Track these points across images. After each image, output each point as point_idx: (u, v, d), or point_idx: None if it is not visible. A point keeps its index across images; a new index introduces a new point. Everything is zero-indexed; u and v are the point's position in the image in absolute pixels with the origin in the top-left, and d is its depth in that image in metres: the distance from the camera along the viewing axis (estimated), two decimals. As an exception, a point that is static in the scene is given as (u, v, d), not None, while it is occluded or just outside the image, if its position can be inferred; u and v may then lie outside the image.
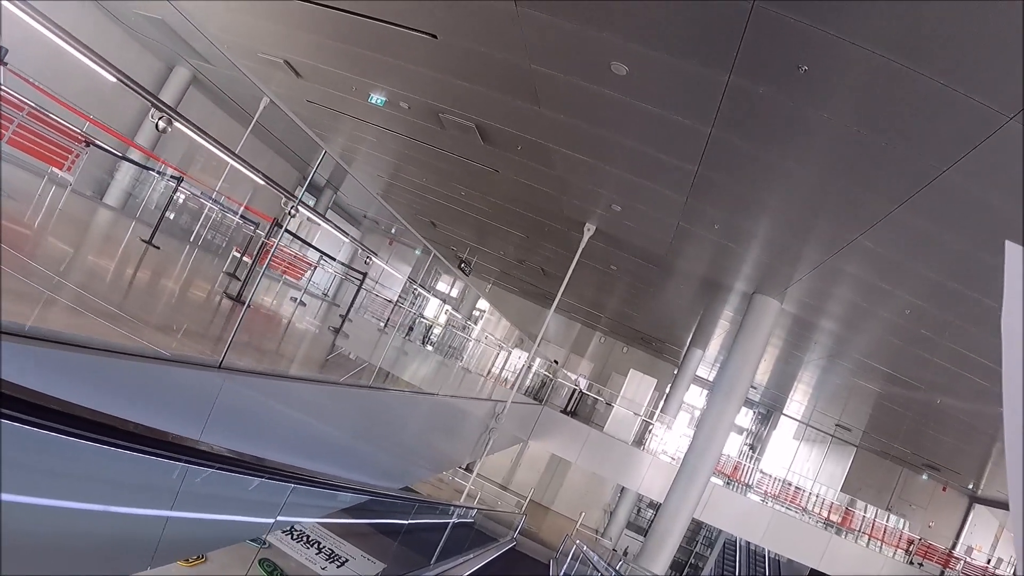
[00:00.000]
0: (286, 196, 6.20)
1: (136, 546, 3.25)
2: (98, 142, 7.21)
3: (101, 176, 12.01)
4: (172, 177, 8.52)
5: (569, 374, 21.54)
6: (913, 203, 6.50)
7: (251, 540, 8.78)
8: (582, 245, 12.35)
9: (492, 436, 11.90)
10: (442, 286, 29.26)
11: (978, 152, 5.24)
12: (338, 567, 9.57)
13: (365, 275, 11.20)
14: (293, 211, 5.95)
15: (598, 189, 10.38)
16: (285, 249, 11.11)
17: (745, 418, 29.19)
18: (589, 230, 12.10)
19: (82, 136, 6.05)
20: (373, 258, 13.46)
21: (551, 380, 19.29)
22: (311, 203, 24.07)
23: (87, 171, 8.68)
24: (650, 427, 18.15)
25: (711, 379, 26.95)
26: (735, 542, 28.60)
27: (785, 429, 28.30)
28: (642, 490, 16.76)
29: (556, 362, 21.55)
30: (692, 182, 8.50)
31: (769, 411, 28.64)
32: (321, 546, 10.26)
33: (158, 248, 7.80)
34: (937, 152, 5.55)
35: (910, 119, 5.35)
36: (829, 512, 19.61)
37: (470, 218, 15.38)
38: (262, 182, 6.30)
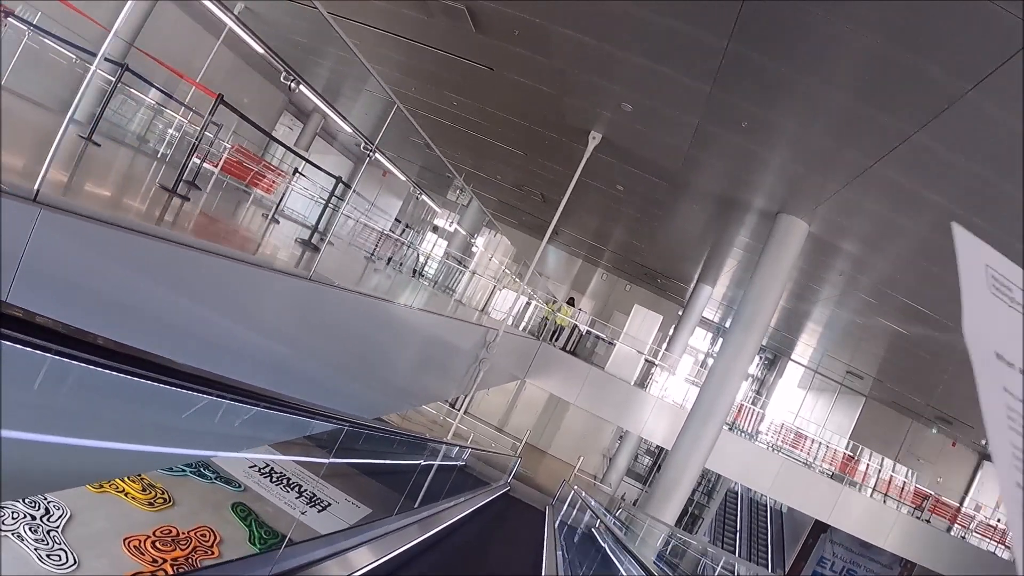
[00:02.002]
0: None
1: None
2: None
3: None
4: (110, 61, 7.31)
5: (565, 313, 21.05)
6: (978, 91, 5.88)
7: (224, 482, 8.37)
8: (586, 156, 11.45)
9: (482, 368, 11.23)
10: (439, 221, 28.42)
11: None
12: (319, 511, 9.17)
13: (342, 183, 10.17)
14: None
15: (606, 83, 9.44)
16: (246, 153, 10.30)
17: (751, 364, 28.93)
18: (594, 139, 11.21)
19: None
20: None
21: (552, 319, 18.82)
22: (297, 132, 23.22)
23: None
24: (653, 368, 17.81)
25: (717, 320, 26.67)
26: (737, 492, 28.78)
27: (791, 377, 28.09)
28: (645, 434, 16.51)
29: (572, 301, 20.88)
30: (720, 64, 7.47)
31: (776, 356, 28.41)
32: (302, 489, 9.87)
33: (98, 145, 6.98)
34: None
35: None
36: (843, 463, 19.41)
37: (464, 137, 14.51)
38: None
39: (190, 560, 5.81)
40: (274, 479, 9.69)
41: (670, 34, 7.43)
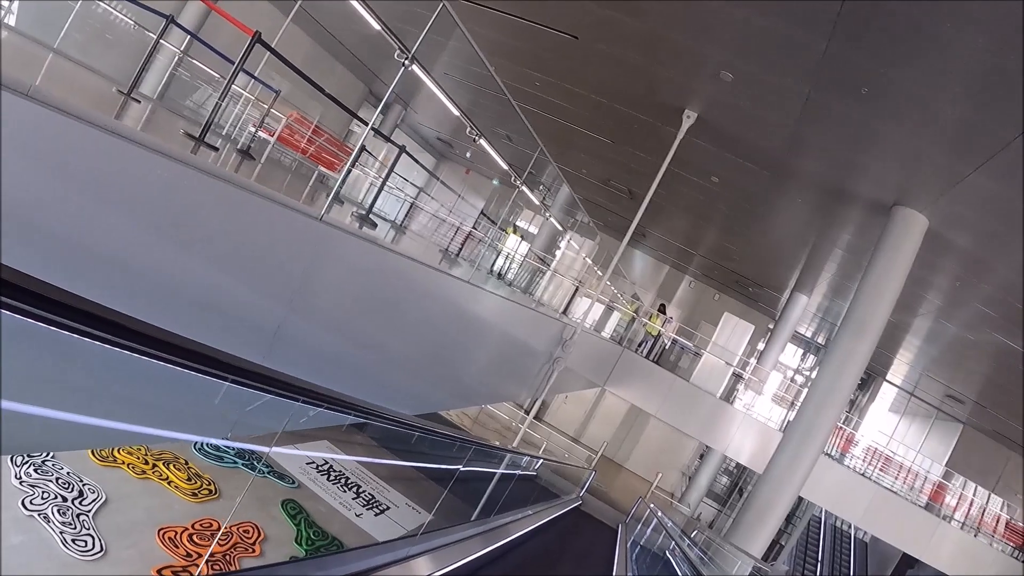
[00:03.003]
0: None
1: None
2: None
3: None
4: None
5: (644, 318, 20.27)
6: None
7: (277, 477, 8.08)
8: (679, 136, 10.57)
9: (556, 368, 10.41)
10: (523, 223, 28.00)
11: None
12: (376, 515, 8.81)
13: (405, 152, 9.78)
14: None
15: (703, 46, 8.52)
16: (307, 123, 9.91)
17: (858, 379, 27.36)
18: (688, 118, 10.32)
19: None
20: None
21: (636, 321, 18.11)
22: (378, 123, 23.16)
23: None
24: (739, 383, 16.89)
25: (809, 335, 25.38)
26: (820, 518, 27.52)
27: (883, 400, 26.37)
28: (730, 452, 15.62)
29: (663, 308, 20.09)
30: (839, 12, 6.47)
31: (869, 375, 26.77)
32: (360, 490, 9.54)
33: (137, 102, 6.73)
34: None
35: None
36: (935, 492, 17.85)
37: (547, 124, 13.85)
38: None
39: (228, 557, 5.47)
40: (332, 477, 9.40)
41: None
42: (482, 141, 8.91)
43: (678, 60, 9.24)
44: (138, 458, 6.57)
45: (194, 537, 5.52)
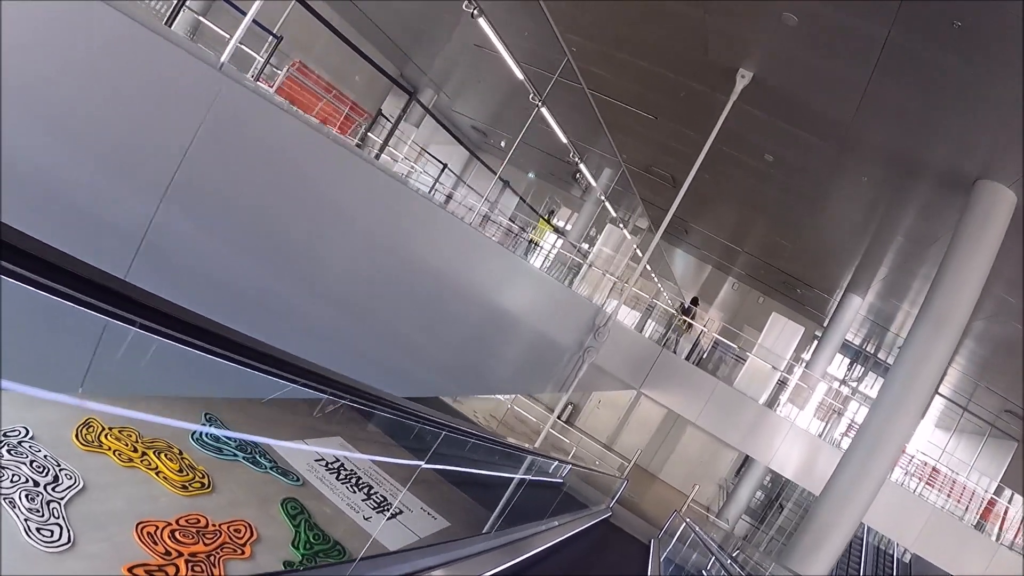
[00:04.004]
0: None
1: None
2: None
3: None
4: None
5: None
6: None
7: (279, 473, 7.68)
8: (732, 99, 9.69)
9: (587, 359, 9.64)
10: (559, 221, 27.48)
11: None
12: (387, 519, 8.35)
13: (415, 100, 9.30)
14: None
15: None
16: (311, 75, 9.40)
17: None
18: (743, 79, 9.44)
19: None
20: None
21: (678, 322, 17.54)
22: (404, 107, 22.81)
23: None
24: (783, 390, 16.23)
25: (858, 343, 24.50)
26: (862, 537, 26.73)
27: (930, 414, 25.16)
28: (774, 465, 14.97)
29: (696, 301, 19.51)
30: None
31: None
32: (372, 491, 9.12)
33: None
34: None
35: None
36: (986, 510, 16.94)
37: (585, 101, 13.17)
38: None
39: (212, 558, 5.04)
40: (342, 476, 8.99)
41: None
42: (544, 110, 8.66)
43: (733, 6, 8.48)
44: (127, 444, 6.20)
45: (177, 534, 5.12)
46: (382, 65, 18.31)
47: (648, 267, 23.69)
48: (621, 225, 17.57)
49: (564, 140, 10.47)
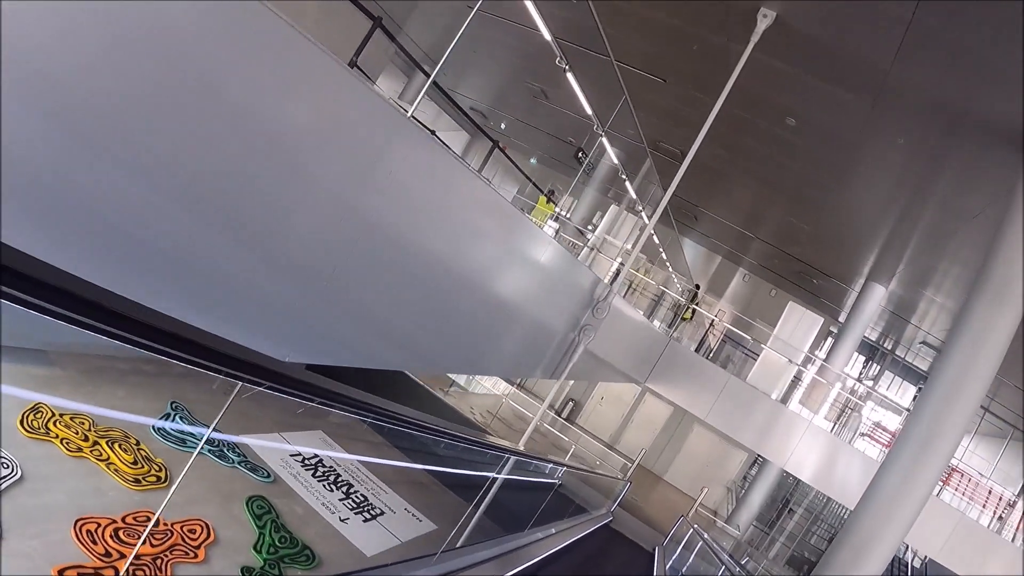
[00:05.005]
0: None
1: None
2: None
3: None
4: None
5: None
6: None
7: (248, 468, 7.34)
8: (751, 43, 8.66)
9: (583, 339, 8.61)
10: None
11: None
12: (365, 520, 8.03)
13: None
14: None
15: None
16: None
17: (907, 395, 26.13)
18: (764, 18, 8.41)
19: None
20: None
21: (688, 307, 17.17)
22: (400, 87, 22.32)
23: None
24: (796, 388, 15.89)
25: (874, 339, 24.13)
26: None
27: None
28: (790, 467, 14.56)
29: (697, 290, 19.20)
30: None
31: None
32: (351, 490, 8.80)
33: None
34: None
35: None
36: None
37: (590, 63, 12.47)
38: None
39: (159, 562, 4.70)
40: (319, 473, 8.66)
41: None
42: (569, 75, 8.40)
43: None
44: (78, 433, 5.87)
45: (121, 533, 4.78)
46: (377, 42, 17.89)
47: (663, 252, 23.46)
48: (640, 207, 17.10)
49: (588, 110, 10.00)
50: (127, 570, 4.43)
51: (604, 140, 10.36)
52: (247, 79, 2.99)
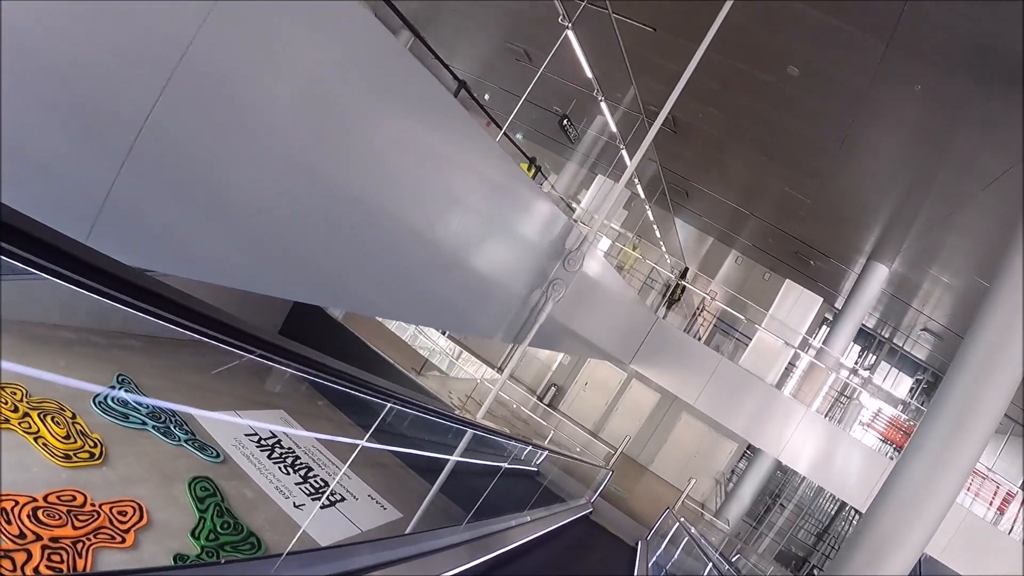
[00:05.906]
0: None
1: None
2: None
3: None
4: None
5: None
6: None
7: (196, 448, 7.03)
8: None
9: (552, 297, 7.65)
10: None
11: None
12: (323, 507, 7.74)
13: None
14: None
15: None
16: None
17: (901, 386, 26.17)
18: None
19: None
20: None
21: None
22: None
23: None
24: (791, 371, 15.70)
25: (872, 327, 24.03)
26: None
27: None
28: (784, 458, 14.31)
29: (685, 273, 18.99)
30: None
31: (938, 379, 25.37)
32: (310, 473, 8.51)
33: None
34: None
35: None
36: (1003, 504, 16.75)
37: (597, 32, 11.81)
38: None
39: (79, 546, 4.37)
40: (276, 455, 8.36)
41: None
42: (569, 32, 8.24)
43: None
44: (7, 403, 5.54)
45: (41, 513, 4.46)
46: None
47: (656, 228, 23.25)
48: (637, 182, 16.71)
49: (589, 74, 9.66)
50: (43, 553, 4.11)
51: (603, 104, 9.97)
52: None
